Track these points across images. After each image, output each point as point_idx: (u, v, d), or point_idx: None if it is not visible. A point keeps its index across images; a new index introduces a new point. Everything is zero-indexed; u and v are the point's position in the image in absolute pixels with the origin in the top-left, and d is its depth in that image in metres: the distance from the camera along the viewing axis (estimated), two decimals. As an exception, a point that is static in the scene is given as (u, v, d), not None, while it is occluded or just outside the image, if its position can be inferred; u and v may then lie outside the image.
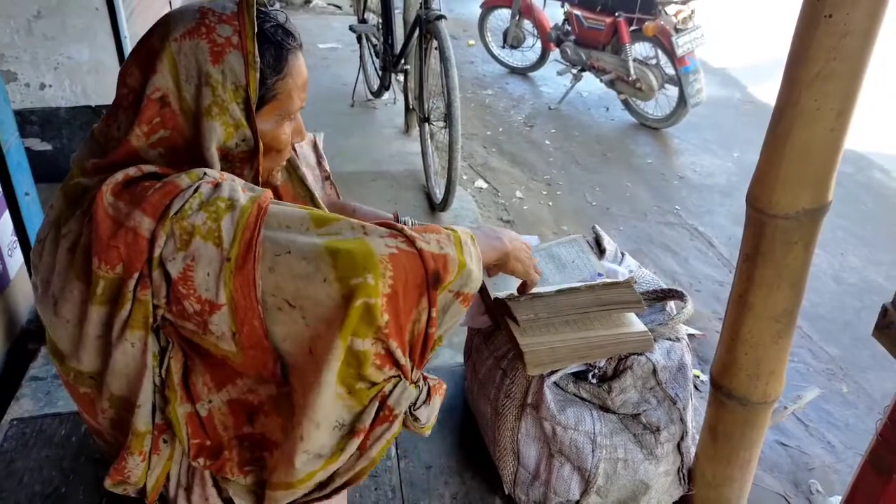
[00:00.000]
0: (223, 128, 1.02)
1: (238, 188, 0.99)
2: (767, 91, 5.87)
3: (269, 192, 1.02)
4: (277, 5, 7.16)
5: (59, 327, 1.05)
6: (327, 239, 0.96)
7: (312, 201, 1.31)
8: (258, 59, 1.01)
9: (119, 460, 1.09)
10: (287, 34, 1.08)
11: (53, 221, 1.06)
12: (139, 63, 1.03)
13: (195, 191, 0.96)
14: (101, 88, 3.41)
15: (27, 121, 3.32)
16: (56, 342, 1.08)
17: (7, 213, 2.09)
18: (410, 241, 0.98)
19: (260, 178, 1.11)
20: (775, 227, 1.11)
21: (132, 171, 0.99)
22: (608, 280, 1.26)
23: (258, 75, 1.02)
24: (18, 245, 2.09)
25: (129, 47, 3.34)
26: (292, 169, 1.32)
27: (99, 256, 0.96)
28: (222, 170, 1.05)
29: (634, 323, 1.29)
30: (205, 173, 0.99)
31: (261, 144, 1.07)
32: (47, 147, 3.44)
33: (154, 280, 0.97)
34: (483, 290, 1.38)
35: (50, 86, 3.34)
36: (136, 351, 1.01)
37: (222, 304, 0.95)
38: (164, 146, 1.02)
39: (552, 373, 1.30)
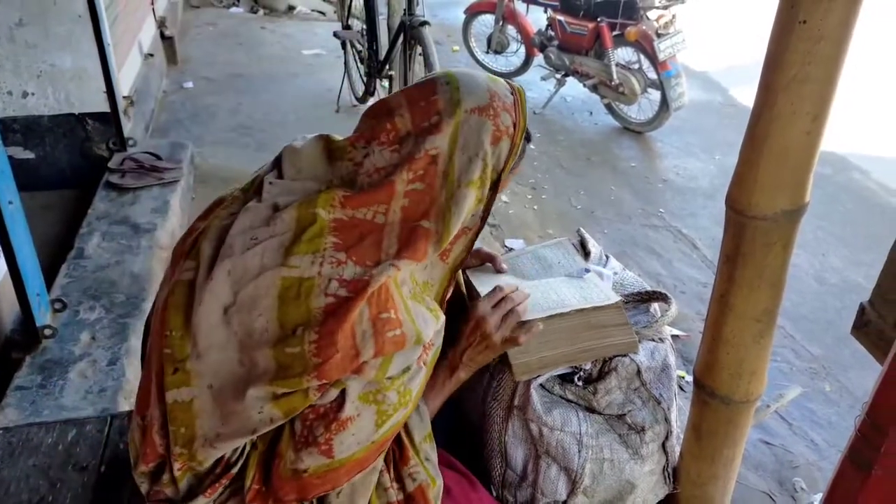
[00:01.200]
0: (475, 200, 1.08)
1: (420, 381, 1.07)
2: (748, 94, 5.91)
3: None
4: (261, 12, 7.16)
5: (217, 329, 1.01)
6: None
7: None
8: (518, 154, 1.13)
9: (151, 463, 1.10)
10: (530, 132, 1.17)
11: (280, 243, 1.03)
12: (414, 112, 1.09)
13: (406, 370, 1.03)
14: (85, 96, 3.40)
15: (9, 129, 3.30)
16: (198, 334, 1.03)
17: (-10, 222, 2.08)
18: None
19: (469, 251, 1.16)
20: (755, 228, 1.13)
21: (392, 273, 1.00)
22: (596, 303, 1.28)
23: (511, 165, 1.13)
24: (2, 254, 2.08)
25: (112, 54, 3.33)
26: None
27: (319, 341, 0.96)
28: None
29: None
30: (429, 338, 1.05)
31: (483, 224, 1.14)
32: (30, 155, 3.42)
33: (328, 393, 1.00)
34: (470, 287, 1.39)
35: (33, 94, 3.32)
36: (257, 419, 1.01)
37: (339, 462, 1.02)
38: (411, 198, 1.05)
39: (539, 376, 1.32)
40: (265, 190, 1.10)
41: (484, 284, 1.39)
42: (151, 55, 4.81)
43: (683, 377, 2.76)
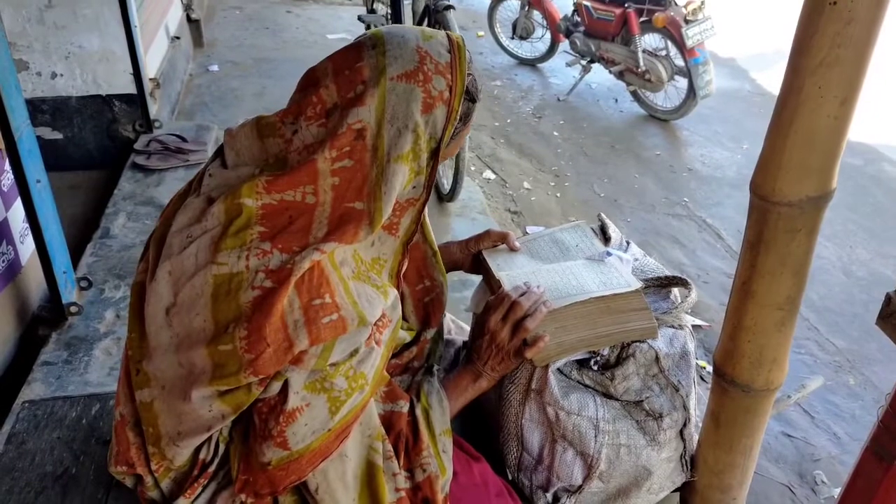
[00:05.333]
0: (409, 174, 1.03)
1: (377, 362, 1.05)
2: (777, 82, 5.81)
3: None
4: (287, -4, 7.16)
5: (162, 331, 1.02)
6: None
7: (435, 257, 1.32)
8: (458, 119, 1.06)
9: (130, 457, 1.13)
10: (477, 90, 1.10)
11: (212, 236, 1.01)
12: (340, 82, 1.02)
13: (354, 353, 1.01)
14: (112, 77, 3.44)
15: (38, 110, 3.35)
16: (149, 336, 1.04)
17: (19, 201, 2.11)
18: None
19: (419, 225, 1.11)
20: (778, 214, 1.11)
21: (317, 257, 0.97)
22: (617, 290, 1.27)
23: (452, 130, 1.06)
24: (30, 232, 2.11)
25: (139, 36, 3.36)
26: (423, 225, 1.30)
27: (249, 336, 0.94)
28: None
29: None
30: (373, 323, 1.02)
31: (427, 194, 1.08)
32: (58, 136, 3.47)
33: (271, 386, 0.99)
34: (487, 272, 1.39)
35: (61, 75, 3.36)
36: (209, 416, 1.02)
37: (297, 453, 1.01)
38: (340, 177, 1.00)
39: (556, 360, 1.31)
40: (204, 182, 1.07)
41: (501, 267, 1.38)
42: (178, 38, 4.85)
43: (704, 367, 2.74)
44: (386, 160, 1.00)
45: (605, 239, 1.51)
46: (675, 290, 1.47)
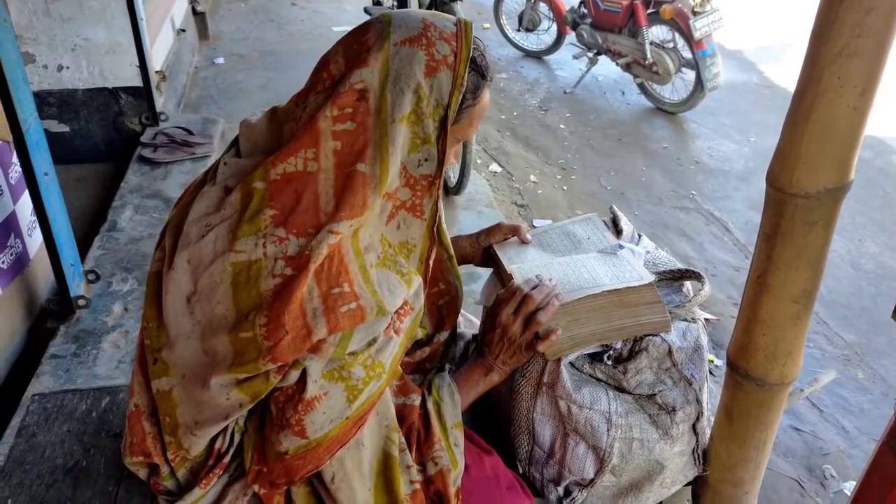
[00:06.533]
0: (410, 137, 1.02)
1: (395, 351, 1.05)
2: (785, 75, 5.80)
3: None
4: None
5: (183, 319, 1.02)
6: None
7: (451, 261, 1.31)
8: (465, 84, 1.03)
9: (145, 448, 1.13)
10: (487, 66, 1.09)
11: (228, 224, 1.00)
12: (347, 54, 1.02)
13: (372, 342, 1.01)
14: (118, 70, 3.43)
15: (45, 102, 3.34)
16: (168, 324, 1.04)
17: (27, 193, 2.11)
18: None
19: (438, 205, 1.09)
20: (795, 206, 1.10)
21: (333, 240, 0.96)
22: (630, 283, 1.25)
23: (460, 98, 1.04)
24: (38, 225, 2.11)
25: (144, 29, 3.35)
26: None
27: (269, 324, 0.94)
28: (403, 202, 1.06)
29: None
30: (392, 312, 1.02)
31: (443, 168, 1.06)
32: (65, 129, 3.46)
33: (289, 375, 0.99)
34: (498, 265, 1.38)
35: (67, 67, 3.36)
36: (227, 405, 1.02)
37: (315, 441, 1.01)
38: (343, 140, 0.98)
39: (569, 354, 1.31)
40: (219, 171, 1.07)
41: (512, 260, 1.37)
42: (183, 30, 4.84)
43: (713, 361, 2.73)
44: (390, 121, 0.99)
45: (617, 231, 1.50)
46: (688, 284, 1.46)
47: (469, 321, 1.60)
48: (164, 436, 1.10)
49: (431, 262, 1.15)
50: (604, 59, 5.50)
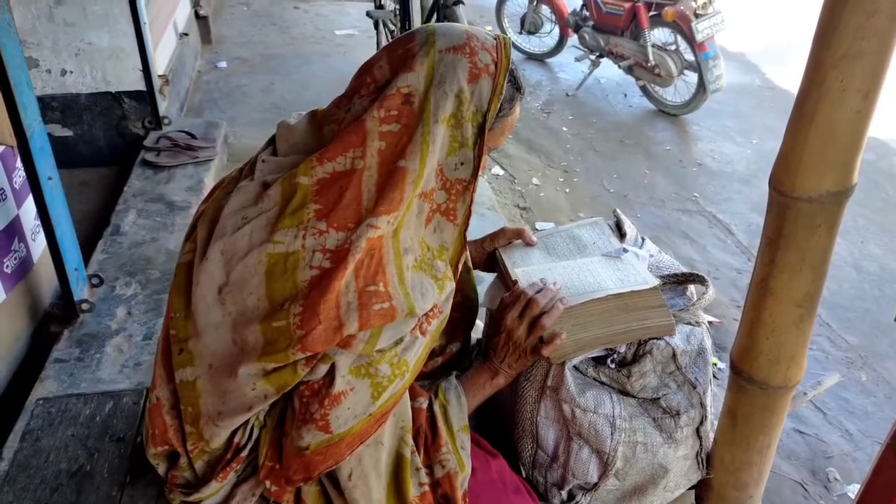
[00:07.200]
0: (450, 140, 1.05)
1: (420, 351, 1.07)
2: (787, 77, 5.80)
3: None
4: (294, -8, 7.15)
5: (213, 309, 1.03)
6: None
7: (469, 274, 1.35)
8: (503, 93, 1.08)
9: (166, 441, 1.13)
10: (522, 80, 1.14)
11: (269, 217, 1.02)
12: (392, 60, 1.06)
13: (399, 341, 1.03)
14: (121, 74, 3.43)
15: (48, 107, 3.35)
16: (197, 315, 1.05)
17: (31, 198, 2.11)
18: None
19: (471, 210, 1.12)
20: (798, 210, 1.10)
21: (373, 234, 0.98)
22: (634, 287, 1.25)
23: (498, 106, 1.08)
24: (42, 229, 2.11)
25: (147, 33, 3.36)
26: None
27: (304, 313, 0.96)
28: (438, 205, 1.09)
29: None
30: (421, 315, 1.04)
31: (478, 175, 1.09)
32: (68, 133, 3.47)
33: (318, 369, 1.00)
34: (502, 269, 1.38)
35: (71, 72, 3.36)
36: (252, 396, 1.02)
37: (339, 436, 1.02)
38: (387, 141, 1.02)
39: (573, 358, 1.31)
40: (257, 168, 1.10)
41: (517, 263, 1.37)
42: (186, 34, 4.85)
43: (716, 364, 2.73)
44: (433, 120, 1.02)
45: (621, 235, 1.50)
46: (691, 287, 1.46)
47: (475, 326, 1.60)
48: (185, 426, 1.11)
49: (460, 268, 1.17)
50: (606, 62, 5.50)
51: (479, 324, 1.58)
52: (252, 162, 1.13)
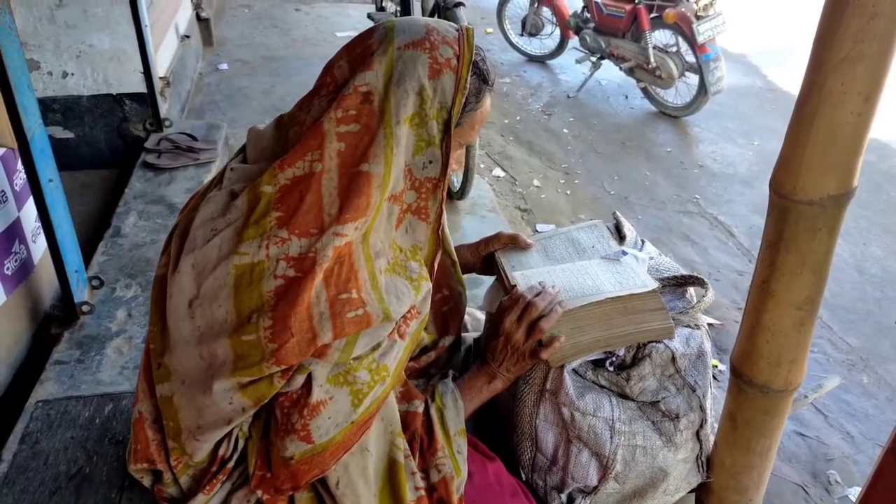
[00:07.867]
0: (415, 140, 1.03)
1: (400, 354, 1.06)
2: (789, 78, 5.79)
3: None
4: (295, -7, 7.16)
5: (184, 323, 1.02)
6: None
7: (454, 266, 1.32)
8: (468, 87, 1.04)
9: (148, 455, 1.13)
10: (488, 70, 1.10)
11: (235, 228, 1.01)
12: (351, 59, 1.04)
13: (376, 347, 1.02)
14: (122, 76, 3.44)
15: (49, 109, 3.35)
16: (170, 328, 1.05)
17: (31, 200, 2.11)
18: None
19: (443, 207, 1.10)
20: (799, 213, 1.09)
21: (338, 243, 0.97)
22: (633, 290, 1.25)
23: (463, 101, 1.05)
24: (42, 231, 2.11)
25: (149, 35, 3.36)
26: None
27: (274, 326, 0.94)
28: (409, 205, 1.07)
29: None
30: (398, 318, 1.02)
31: (448, 172, 1.07)
32: (69, 135, 3.47)
33: (295, 380, 0.99)
34: (501, 272, 1.38)
35: (72, 74, 3.37)
36: (230, 409, 1.02)
37: (321, 446, 1.01)
38: (346, 142, 0.99)
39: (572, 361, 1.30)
40: (226, 177, 1.08)
41: (515, 267, 1.37)
42: (187, 37, 4.85)
43: (717, 366, 2.72)
44: (395, 122, 1.00)
45: (621, 237, 1.50)
46: (691, 290, 1.46)
47: (477, 319, 1.59)
48: (168, 441, 1.11)
49: (436, 267, 1.15)
50: (607, 64, 5.50)
51: (481, 318, 1.58)
52: (222, 171, 1.11)
